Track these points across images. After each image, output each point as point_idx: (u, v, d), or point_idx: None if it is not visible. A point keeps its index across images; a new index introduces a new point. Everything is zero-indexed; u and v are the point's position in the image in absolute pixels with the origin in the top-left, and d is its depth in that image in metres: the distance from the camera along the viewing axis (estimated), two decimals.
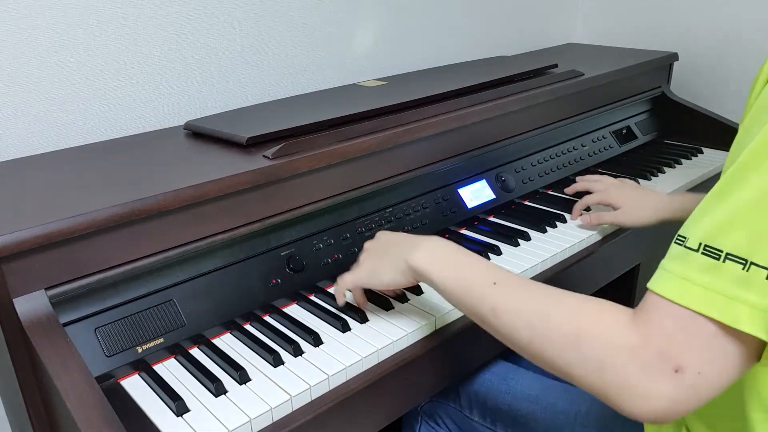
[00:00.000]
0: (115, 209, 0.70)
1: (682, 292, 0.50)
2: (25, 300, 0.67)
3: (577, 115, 1.33)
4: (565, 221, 1.10)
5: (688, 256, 0.51)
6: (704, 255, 0.50)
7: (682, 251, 0.51)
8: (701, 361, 0.49)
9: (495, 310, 0.62)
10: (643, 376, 0.50)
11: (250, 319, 0.83)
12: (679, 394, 0.49)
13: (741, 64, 1.56)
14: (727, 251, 0.49)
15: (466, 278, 0.67)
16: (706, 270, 0.49)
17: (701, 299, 0.49)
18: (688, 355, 0.49)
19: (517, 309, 0.60)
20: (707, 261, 0.50)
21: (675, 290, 0.50)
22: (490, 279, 0.64)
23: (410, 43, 1.46)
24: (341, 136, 0.93)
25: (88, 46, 1.00)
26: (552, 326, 0.57)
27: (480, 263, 0.68)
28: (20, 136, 0.96)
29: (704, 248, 0.50)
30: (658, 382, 0.49)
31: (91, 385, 0.63)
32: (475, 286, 0.65)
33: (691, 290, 0.50)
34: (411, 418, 1.00)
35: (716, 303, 0.49)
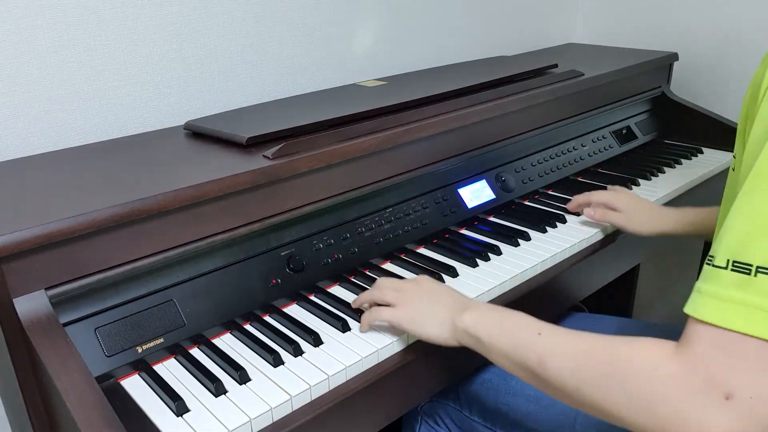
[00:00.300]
0: (115, 209, 0.70)
1: (718, 313, 0.49)
2: (25, 300, 0.66)
3: (577, 115, 1.33)
4: (565, 221, 1.10)
5: (718, 275, 0.50)
6: (734, 271, 0.49)
7: (712, 271, 0.50)
8: (751, 383, 0.47)
9: (541, 361, 0.61)
10: (694, 408, 0.48)
11: (250, 319, 0.83)
12: (736, 423, 0.47)
13: (741, 64, 1.56)
14: (758, 264, 0.48)
15: (513, 333, 0.66)
16: (739, 286, 0.48)
17: (738, 317, 0.48)
18: (735, 378, 0.47)
19: (562, 356, 0.59)
20: (738, 277, 0.48)
21: (710, 311, 0.49)
22: (536, 330, 0.64)
23: (410, 43, 1.46)
24: (341, 136, 0.93)
25: (88, 46, 1.00)
26: (596, 369, 0.56)
27: (524, 318, 0.68)
28: (20, 136, 0.96)
29: (733, 264, 0.49)
30: (711, 412, 0.47)
31: (91, 385, 0.63)
32: (522, 341, 0.64)
33: (726, 309, 0.48)
34: (411, 418, 1.00)
35: (755, 319, 0.47)
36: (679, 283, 1.56)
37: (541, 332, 0.63)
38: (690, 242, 1.57)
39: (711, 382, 0.48)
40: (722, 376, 0.47)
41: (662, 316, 1.52)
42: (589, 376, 0.56)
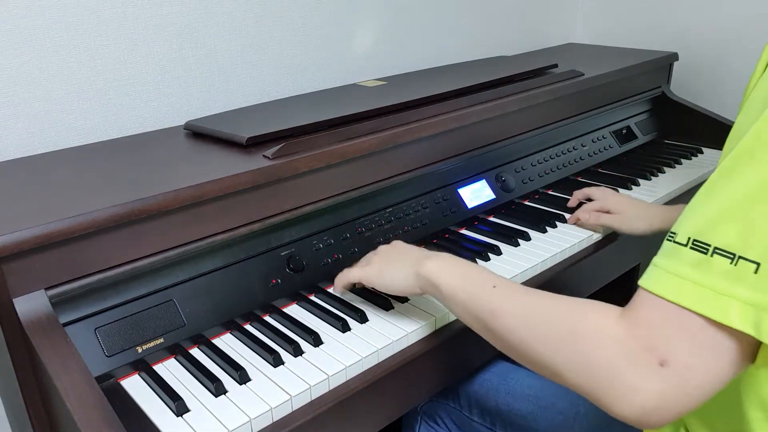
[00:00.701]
0: (115, 209, 0.70)
1: (671, 288, 0.50)
2: (25, 300, 0.67)
3: (577, 115, 1.33)
4: (565, 221, 1.10)
5: (678, 252, 0.51)
6: (693, 250, 0.50)
7: (672, 247, 0.51)
8: (689, 355, 0.48)
9: (493, 313, 0.63)
10: (628, 369, 0.50)
11: (250, 319, 0.83)
12: (666, 389, 0.48)
13: (741, 64, 1.56)
14: (715, 245, 0.48)
15: (470, 285, 0.68)
16: (695, 265, 0.49)
17: (690, 294, 0.49)
18: (674, 348, 0.49)
19: (513, 311, 0.61)
20: (696, 256, 0.49)
21: (663, 286, 0.50)
22: (491, 284, 0.66)
23: (410, 43, 1.46)
24: (341, 136, 0.93)
25: (88, 46, 1.00)
26: (545, 326, 0.57)
27: (485, 272, 0.70)
28: (20, 136, 0.96)
29: (693, 243, 0.50)
30: (644, 375, 0.49)
31: (91, 385, 0.63)
32: (478, 292, 0.66)
33: (679, 285, 0.49)
34: (411, 418, 1.00)
35: (705, 298, 0.48)
36: None
37: (497, 285, 0.65)
38: None
39: (649, 348, 0.49)
40: (661, 343, 0.49)
41: None
42: (535, 333, 0.58)
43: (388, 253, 0.82)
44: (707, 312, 0.48)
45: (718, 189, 0.50)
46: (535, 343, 0.58)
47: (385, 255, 0.82)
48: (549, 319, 0.58)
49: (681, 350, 0.49)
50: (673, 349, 0.49)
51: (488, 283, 0.66)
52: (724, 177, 0.50)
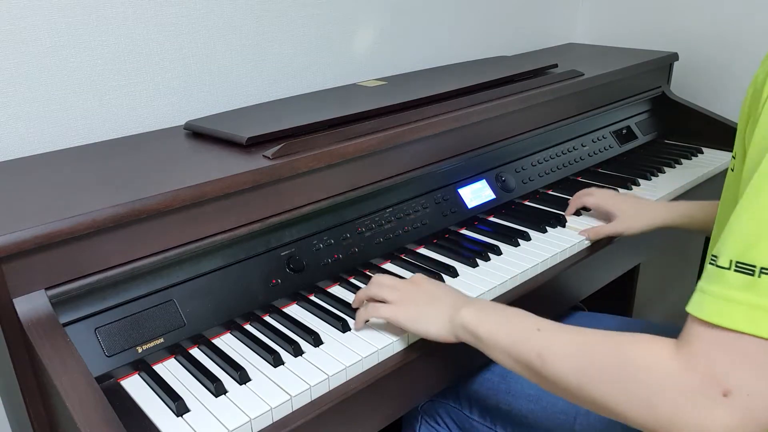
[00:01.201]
0: (115, 209, 0.70)
1: (721, 313, 0.49)
2: (25, 300, 0.66)
3: (577, 115, 1.33)
4: (565, 221, 1.10)
5: (722, 276, 0.50)
6: (737, 272, 0.49)
7: (715, 271, 0.50)
8: (750, 381, 0.47)
9: (541, 357, 0.61)
10: (693, 405, 0.48)
11: (250, 319, 0.83)
12: (733, 420, 0.47)
13: (741, 64, 1.56)
14: (761, 266, 0.47)
15: (513, 330, 0.66)
16: (743, 287, 0.48)
17: (741, 317, 0.48)
18: (734, 376, 0.47)
19: (562, 353, 0.59)
20: (742, 278, 0.48)
21: (713, 311, 0.49)
22: (535, 327, 0.64)
23: (410, 43, 1.46)
24: (341, 136, 0.93)
25: (88, 46, 1.00)
26: (597, 366, 0.56)
27: (524, 315, 0.68)
28: (20, 136, 0.96)
29: (736, 265, 0.49)
30: (709, 410, 0.48)
31: (91, 385, 0.63)
32: (522, 337, 0.64)
33: (729, 310, 0.48)
34: (411, 418, 1.00)
35: (756, 318, 0.47)
36: (679, 283, 1.56)
37: (540, 328, 0.63)
38: (690, 242, 1.57)
39: (710, 380, 0.48)
40: (721, 373, 0.48)
41: (662, 315, 1.52)
42: (589, 374, 0.56)
43: (416, 293, 0.78)
44: (760, 332, 0.47)
45: (751, 207, 0.50)
46: (590, 385, 0.56)
47: (414, 295, 0.78)
48: (601, 358, 0.56)
49: (743, 377, 0.47)
50: (735, 377, 0.47)
51: (532, 326, 0.64)
52: (755, 194, 0.50)
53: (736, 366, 0.48)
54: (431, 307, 0.75)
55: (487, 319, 0.69)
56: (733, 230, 0.51)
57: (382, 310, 0.77)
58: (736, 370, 0.47)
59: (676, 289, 1.55)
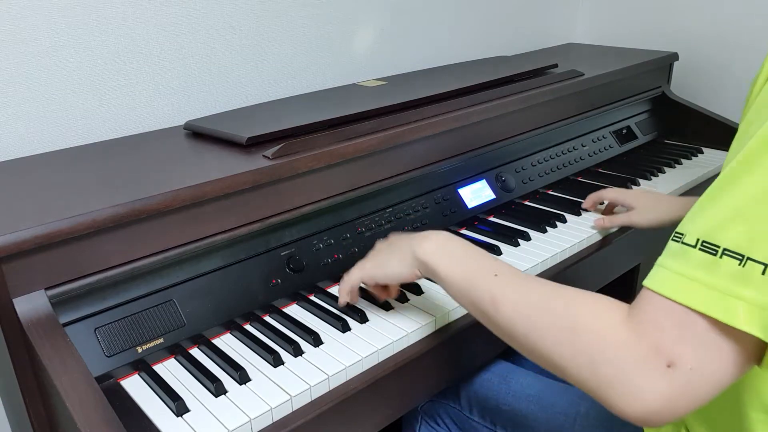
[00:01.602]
0: (115, 209, 0.70)
1: (678, 289, 0.50)
2: (25, 300, 0.66)
3: (577, 115, 1.33)
4: (565, 221, 1.10)
5: (686, 253, 0.50)
6: (701, 251, 0.49)
7: (680, 248, 0.51)
8: (695, 356, 0.48)
9: (494, 302, 0.62)
10: (636, 370, 0.49)
11: (250, 319, 0.83)
12: (672, 390, 0.48)
13: (741, 64, 1.56)
14: (725, 247, 0.48)
15: (470, 271, 0.67)
16: (703, 266, 0.49)
17: (697, 295, 0.49)
18: (681, 349, 0.48)
19: (515, 301, 0.60)
20: (704, 257, 0.49)
21: (671, 287, 0.50)
22: (492, 271, 0.65)
23: (410, 43, 1.46)
24: (341, 136, 0.93)
25: (88, 46, 1.00)
26: (548, 319, 0.57)
27: (485, 257, 0.69)
28: (20, 136, 0.96)
29: (702, 244, 0.49)
30: (651, 377, 0.49)
31: (91, 385, 0.63)
32: (478, 278, 0.65)
33: (686, 286, 0.49)
34: (411, 418, 1.00)
35: (712, 299, 0.48)
36: None
37: (498, 273, 0.64)
38: None
39: (656, 349, 0.49)
40: (668, 345, 0.49)
41: None
42: (539, 326, 0.57)
43: (387, 244, 0.81)
44: (714, 313, 0.48)
45: (727, 190, 0.50)
46: (538, 335, 0.57)
47: (381, 248, 0.81)
48: (553, 311, 0.57)
49: (687, 352, 0.48)
50: (680, 351, 0.48)
51: (489, 269, 0.65)
52: (733, 178, 0.50)
53: (684, 340, 0.48)
54: (395, 250, 0.77)
55: (445, 256, 0.70)
56: (704, 210, 0.51)
57: (352, 273, 0.80)
58: (683, 344, 0.48)
59: None
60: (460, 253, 0.70)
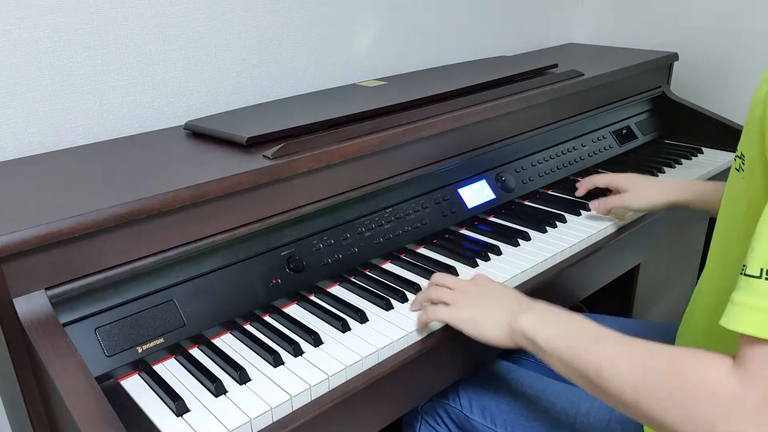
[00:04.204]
0: (115, 209, 0.70)
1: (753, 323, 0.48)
2: (25, 300, 0.66)
3: (577, 115, 1.33)
4: (565, 221, 1.10)
5: (752, 285, 0.49)
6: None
7: (745, 280, 0.50)
8: None
9: (598, 370, 0.60)
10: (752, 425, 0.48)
11: (250, 319, 0.83)
12: None
13: (741, 64, 1.56)
14: None
15: (570, 339, 0.65)
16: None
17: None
18: None
19: (619, 367, 0.59)
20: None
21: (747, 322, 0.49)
22: (594, 337, 0.63)
23: (410, 43, 1.46)
24: (341, 136, 0.93)
25: (88, 46, 1.00)
26: (656, 383, 0.55)
27: (585, 324, 0.67)
28: (20, 136, 0.96)
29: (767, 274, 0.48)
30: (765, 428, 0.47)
31: (91, 385, 0.63)
32: (579, 347, 0.63)
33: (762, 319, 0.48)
34: (411, 418, 1.00)
35: None
36: (679, 283, 1.56)
37: (600, 340, 0.62)
38: (690, 241, 1.57)
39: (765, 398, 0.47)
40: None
41: (662, 316, 1.52)
42: (648, 391, 0.55)
43: (476, 294, 0.78)
44: None
45: None
46: (647, 402, 0.55)
47: (474, 296, 0.77)
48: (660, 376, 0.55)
49: None
50: None
51: (590, 337, 0.63)
52: None
53: None
54: (490, 311, 0.74)
55: (546, 327, 0.68)
56: (762, 239, 0.50)
57: (440, 312, 0.77)
58: None
59: (676, 289, 1.55)
60: (561, 324, 0.68)
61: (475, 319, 0.75)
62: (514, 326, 0.71)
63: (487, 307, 0.75)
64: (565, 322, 0.68)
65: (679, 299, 1.55)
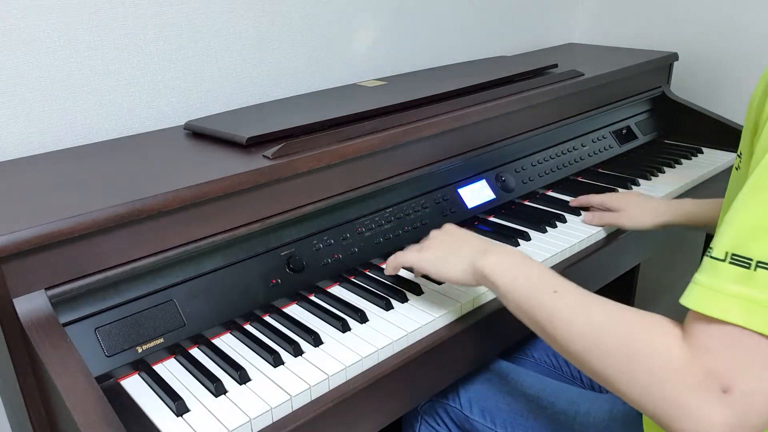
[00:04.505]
0: (115, 209, 0.70)
1: (710, 304, 0.49)
2: (25, 300, 0.67)
3: (577, 115, 1.33)
4: (565, 221, 1.10)
5: (715, 267, 0.49)
6: (732, 264, 0.48)
7: (709, 262, 0.50)
8: (749, 379, 0.46)
9: (552, 320, 0.61)
10: (693, 397, 0.48)
11: (250, 319, 0.83)
12: (730, 417, 0.46)
13: (741, 64, 1.56)
14: (758, 259, 0.47)
15: (529, 285, 0.66)
16: (738, 280, 0.48)
17: (738, 311, 0.47)
18: (734, 372, 0.47)
19: (571, 320, 0.59)
20: (737, 270, 0.48)
21: (701, 302, 0.49)
22: (552, 287, 0.64)
23: (410, 43, 1.46)
24: (341, 136, 0.93)
25: (88, 46, 1.00)
26: (603, 339, 0.56)
27: (546, 273, 0.67)
28: (20, 136, 0.96)
29: (732, 257, 0.48)
30: (708, 405, 0.47)
31: (91, 385, 0.63)
32: (536, 294, 0.64)
33: (718, 301, 0.48)
34: (411, 418, 1.00)
35: (754, 313, 0.46)
36: (679, 282, 1.56)
37: (558, 291, 0.63)
38: (690, 242, 1.57)
39: (711, 375, 0.48)
40: (722, 369, 0.47)
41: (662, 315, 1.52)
42: (597, 347, 0.56)
43: (444, 240, 0.80)
44: (758, 328, 0.46)
45: (752, 202, 0.49)
46: (595, 358, 0.56)
47: (441, 242, 0.80)
48: (609, 332, 0.56)
49: (742, 374, 0.47)
50: (734, 374, 0.47)
51: (549, 286, 0.64)
52: (757, 189, 0.49)
53: (735, 362, 0.47)
54: (456, 251, 0.76)
55: (507, 270, 0.69)
56: (732, 223, 0.50)
57: (408, 255, 0.80)
58: (736, 367, 0.47)
59: (676, 289, 1.55)
60: (521, 268, 0.69)
61: (440, 259, 0.77)
62: (476, 265, 0.72)
63: (454, 248, 0.77)
64: (527, 268, 0.69)
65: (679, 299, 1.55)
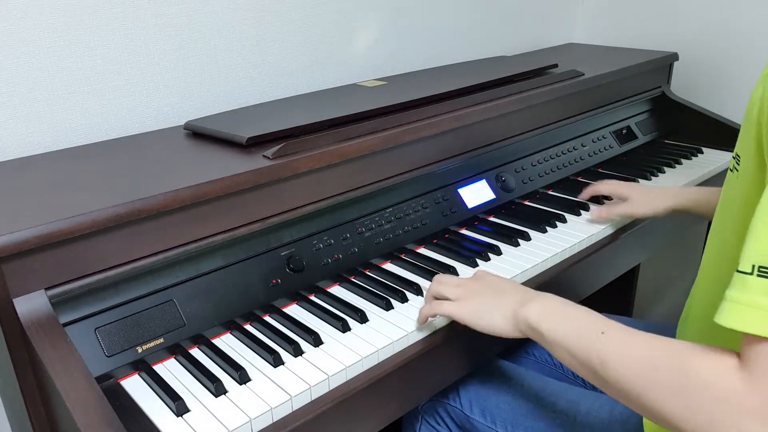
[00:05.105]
0: (115, 209, 0.70)
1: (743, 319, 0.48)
2: (25, 300, 0.66)
3: (577, 115, 1.33)
4: (565, 221, 1.10)
5: (744, 281, 0.49)
6: (760, 277, 0.48)
7: (738, 277, 0.50)
8: None
9: (602, 361, 0.60)
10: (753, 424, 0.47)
11: (250, 319, 0.83)
12: None
13: (741, 64, 1.56)
14: None
15: (575, 330, 0.65)
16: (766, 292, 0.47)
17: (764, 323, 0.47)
18: None
19: (624, 360, 0.58)
20: (765, 282, 0.48)
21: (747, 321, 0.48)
22: (599, 329, 0.63)
23: (410, 43, 1.46)
24: (341, 136, 0.93)
25: (88, 46, 1.00)
26: (659, 377, 0.55)
27: (590, 315, 0.67)
28: (20, 136, 0.96)
29: (759, 270, 0.48)
30: None
31: (91, 385, 0.63)
32: (584, 338, 0.63)
33: (752, 315, 0.48)
34: (411, 418, 1.00)
35: None
36: (679, 283, 1.56)
37: (605, 331, 0.62)
38: (690, 241, 1.57)
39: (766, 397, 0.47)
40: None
41: (662, 315, 1.52)
42: (652, 385, 0.55)
43: (481, 288, 0.78)
44: None
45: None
46: (651, 395, 0.55)
47: (478, 291, 0.78)
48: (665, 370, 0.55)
49: None
50: None
51: (596, 328, 0.63)
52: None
53: None
54: (495, 302, 0.75)
55: (551, 317, 0.68)
56: (755, 235, 0.50)
57: (445, 306, 0.77)
58: None
59: (676, 289, 1.55)
60: (564, 313, 0.68)
61: (479, 311, 0.75)
62: (519, 315, 0.71)
63: (491, 298, 0.76)
64: (570, 313, 0.68)
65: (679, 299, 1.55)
